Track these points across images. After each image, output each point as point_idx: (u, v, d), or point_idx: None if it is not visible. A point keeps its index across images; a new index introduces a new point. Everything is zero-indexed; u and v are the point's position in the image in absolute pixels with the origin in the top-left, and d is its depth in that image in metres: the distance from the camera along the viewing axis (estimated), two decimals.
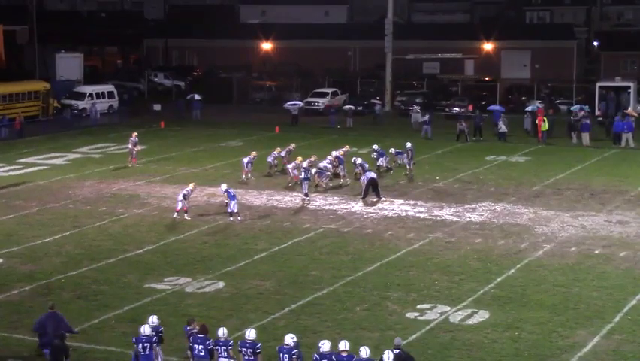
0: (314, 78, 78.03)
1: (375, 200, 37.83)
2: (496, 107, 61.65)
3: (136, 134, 47.33)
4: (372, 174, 38.75)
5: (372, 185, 38.09)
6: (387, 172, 43.26)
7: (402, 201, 37.59)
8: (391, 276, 27.80)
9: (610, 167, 46.03)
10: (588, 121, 55.25)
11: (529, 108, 60.22)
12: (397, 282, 27.16)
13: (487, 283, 27.02)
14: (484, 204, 37.53)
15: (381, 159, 43.34)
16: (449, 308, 24.73)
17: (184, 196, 34.86)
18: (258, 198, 38.57)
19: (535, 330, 23.26)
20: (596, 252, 30.48)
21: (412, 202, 37.65)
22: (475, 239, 32.13)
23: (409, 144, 44.04)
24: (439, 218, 35.15)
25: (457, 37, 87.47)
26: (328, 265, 28.90)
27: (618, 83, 67.37)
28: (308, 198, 37.87)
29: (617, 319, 23.99)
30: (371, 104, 66.44)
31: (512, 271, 28.33)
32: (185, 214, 34.80)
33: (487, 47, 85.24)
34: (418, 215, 35.39)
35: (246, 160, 42.27)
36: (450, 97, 72.02)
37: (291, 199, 38.40)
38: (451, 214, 35.59)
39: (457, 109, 66.18)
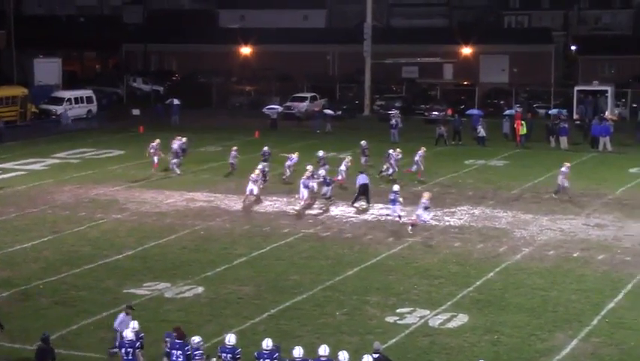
0: (293, 83, 78.04)
1: (365, 206, 37.63)
2: (475, 111, 61.87)
3: (158, 141, 45.53)
4: (364, 179, 38.45)
5: (364, 190, 37.94)
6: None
7: (381, 205, 37.63)
8: (371, 280, 27.84)
9: (588, 171, 46.25)
10: (566, 125, 55.53)
11: (507, 112, 60.48)
12: (377, 286, 27.20)
13: (466, 286, 27.11)
14: (463, 208, 37.65)
15: (322, 169, 41.01)
16: (428, 312, 24.78)
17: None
18: (237, 203, 38.51)
19: (514, 333, 23.35)
20: (575, 255, 30.64)
21: (391, 206, 37.64)
22: (454, 243, 32.22)
23: (363, 142, 45.00)
24: (418, 222, 35.17)
25: (436, 41, 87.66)
26: (308, 270, 28.91)
27: (596, 87, 67.78)
28: (329, 199, 38.08)
29: (595, 322, 24.12)
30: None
31: (491, 274, 28.43)
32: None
33: (466, 51, 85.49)
34: (397, 219, 35.44)
35: (288, 163, 42.54)
36: (429, 101, 72.19)
37: (271, 204, 38.37)
38: (430, 218, 35.64)
39: (436, 113, 66.33)
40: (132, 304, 22.67)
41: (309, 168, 38.89)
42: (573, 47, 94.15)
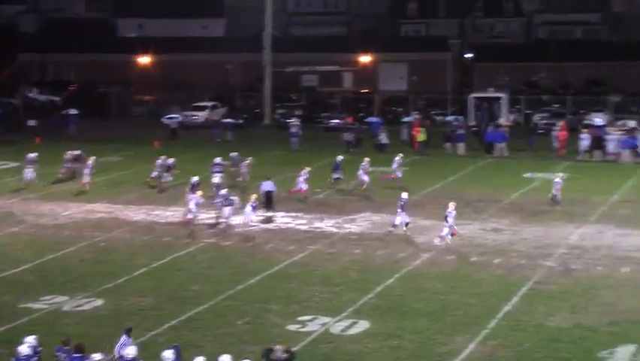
0: (193, 92, 77.65)
1: (268, 215, 37.53)
2: (374, 118, 62.50)
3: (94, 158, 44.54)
4: (269, 186, 38.35)
5: (268, 198, 37.86)
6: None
7: (283, 213, 37.70)
8: (272, 288, 27.88)
9: (484, 176, 47.16)
10: (463, 131, 56.53)
11: (406, 119, 61.26)
12: (278, 294, 27.25)
13: (367, 293, 27.34)
14: (363, 215, 37.98)
15: (218, 175, 40.80)
16: (330, 319, 24.92)
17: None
18: (137, 213, 38.16)
19: (414, 338, 23.65)
20: (472, 260, 31.21)
21: (292, 214, 37.81)
22: (355, 250, 32.49)
23: (339, 158, 43.97)
24: (319, 230, 35.41)
25: (336, 49, 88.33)
26: (209, 280, 28.80)
27: (491, 93, 69.19)
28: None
29: (492, 325, 24.59)
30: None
31: (392, 280, 28.75)
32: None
33: (365, 59, 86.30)
34: (298, 227, 35.58)
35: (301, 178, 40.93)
36: (329, 109, 72.64)
37: (172, 214, 38.11)
38: (331, 225, 35.90)
39: (336, 121, 66.77)
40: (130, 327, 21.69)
41: (194, 180, 38.27)
42: (469, 55, 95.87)
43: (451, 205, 33.17)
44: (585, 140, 54.35)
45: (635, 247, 32.53)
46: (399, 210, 34.49)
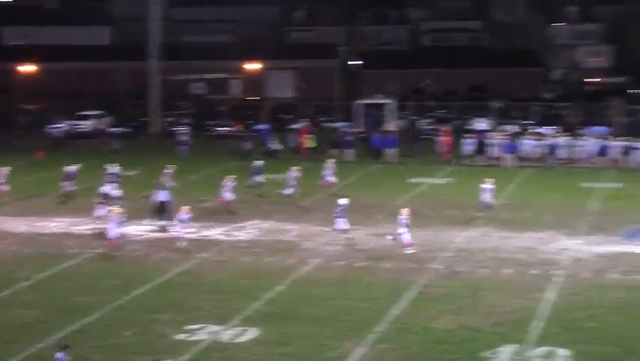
0: (80, 100, 76.44)
1: (162, 224, 37.06)
2: (263, 126, 62.64)
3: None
4: (163, 196, 37.91)
5: (160, 207, 37.49)
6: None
7: (175, 222, 37.37)
8: (161, 298, 27.67)
9: (373, 182, 47.70)
10: (351, 138, 57.11)
11: (294, 126, 61.59)
12: (167, 304, 27.04)
13: (256, 300, 27.36)
14: (252, 222, 38.00)
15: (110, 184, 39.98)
16: (219, 328, 24.86)
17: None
18: (22, 225, 37.40)
19: (304, 344, 23.75)
20: (361, 264, 31.51)
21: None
22: (244, 257, 32.48)
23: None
24: (207, 238, 35.29)
25: (224, 57, 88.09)
26: (97, 290, 28.39)
27: (378, 100, 70.11)
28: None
29: (381, 328, 24.88)
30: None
31: (282, 287, 28.83)
32: None
33: (253, 66, 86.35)
34: (187, 235, 35.36)
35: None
36: (218, 117, 72.47)
37: (56, 225, 37.49)
38: (220, 233, 35.83)
39: (225, 129, 66.65)
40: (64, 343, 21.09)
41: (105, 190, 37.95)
42: (357, 62, 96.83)
43: (404, 211, 33.39)
44: (469, 144, 55.58)
45: (518, 249, 33.37)
46: (337, 216, 34.38)
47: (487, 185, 38.73)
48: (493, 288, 28.55)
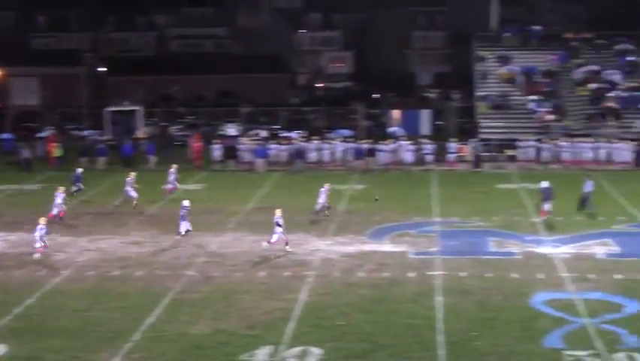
0: None
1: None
2: (7, 135, 60.48)
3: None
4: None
5: None
6: None
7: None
8: None
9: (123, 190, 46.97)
10: (102, 145, 56.17)
11: (40, 135, 59.88)
12: None
13: (4, 315, 26.41)
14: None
15: None
16: None
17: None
18: None
19: (56, 358, 23.18)
20: (114, 273, 31.09)
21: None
22: None
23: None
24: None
25: None
26: None
27: (126, 107, 69.39)
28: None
29: (136, 337, 24.66)
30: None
31: (31, 300, 27.98)
32: None
33: None
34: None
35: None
36: None
37: None
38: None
39: None
40: None
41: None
42: (102, 69, 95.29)
43: (278, 212, 33.37)
44: (217, 150, 56.05)
45: (270, 252, 33.92)
46: (181, 219, 34.47)
47: (324, 187, 39.85)
48: (247, 291, 28.95)
